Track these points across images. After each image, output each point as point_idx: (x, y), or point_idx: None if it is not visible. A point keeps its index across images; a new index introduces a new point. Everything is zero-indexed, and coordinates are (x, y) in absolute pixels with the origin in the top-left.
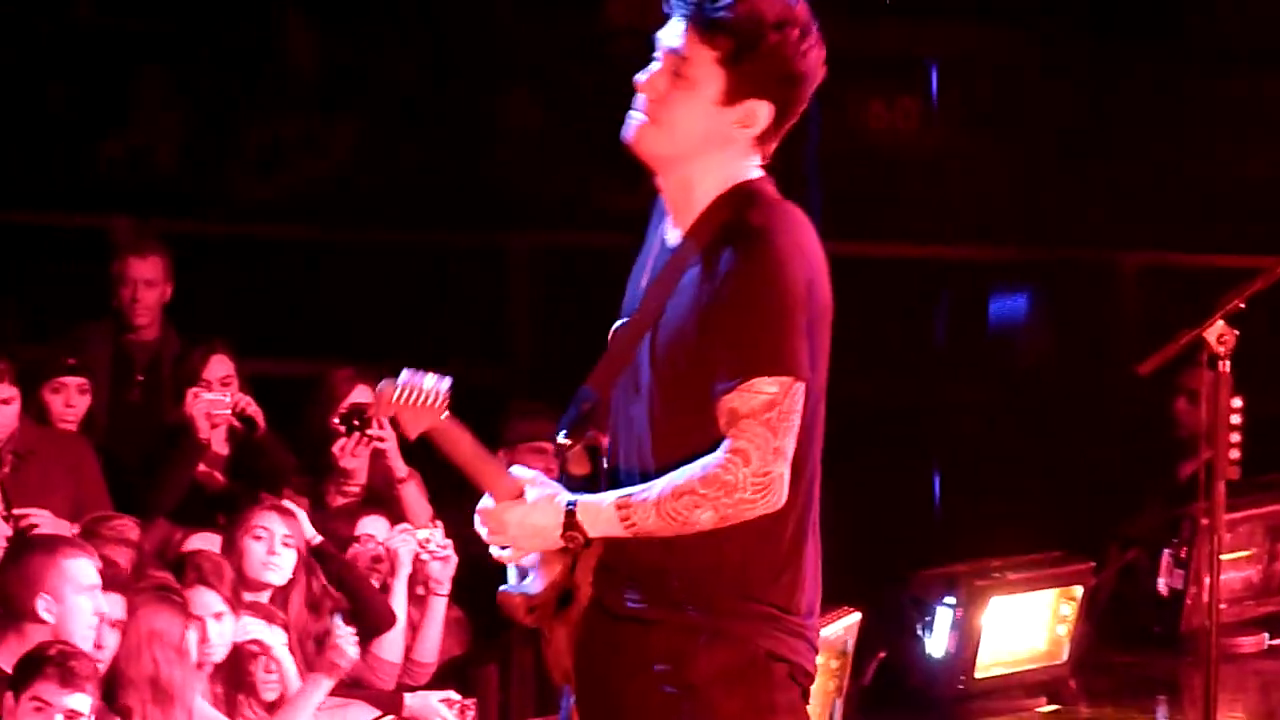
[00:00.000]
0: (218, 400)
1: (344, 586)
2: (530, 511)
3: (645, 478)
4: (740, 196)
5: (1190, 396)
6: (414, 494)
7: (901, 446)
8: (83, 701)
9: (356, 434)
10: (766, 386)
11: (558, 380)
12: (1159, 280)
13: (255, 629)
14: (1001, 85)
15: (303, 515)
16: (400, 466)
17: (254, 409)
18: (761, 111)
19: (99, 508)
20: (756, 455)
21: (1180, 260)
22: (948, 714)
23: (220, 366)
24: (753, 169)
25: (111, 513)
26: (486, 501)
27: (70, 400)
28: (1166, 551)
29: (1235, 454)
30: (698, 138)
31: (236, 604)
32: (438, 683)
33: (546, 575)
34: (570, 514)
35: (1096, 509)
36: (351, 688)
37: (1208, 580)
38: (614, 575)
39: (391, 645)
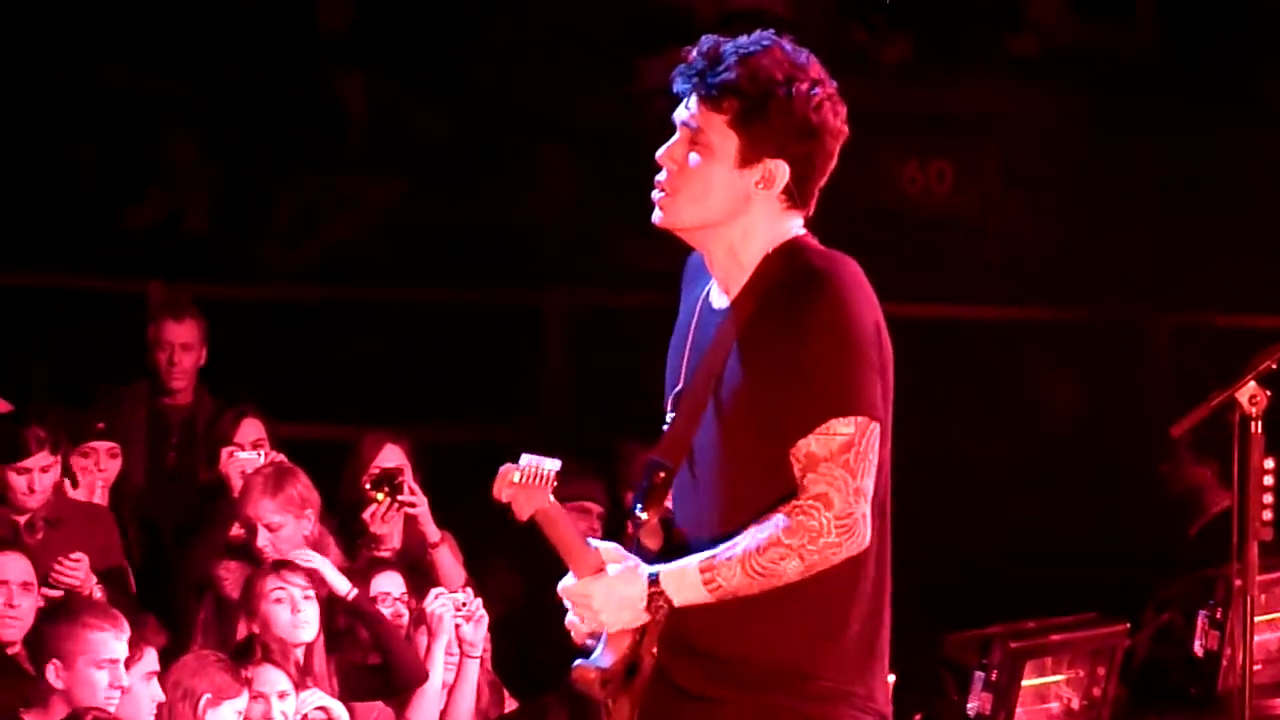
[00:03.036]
0: (252, 460)
1: (378, 642)
2: (614, 584)
3: (715, 541)
4: (790, 252)
5: (1173, 459)
6: (447, 558)
7: (934, 506)
8: None
9: (388, 500)
10: (843, 428)
11: (593, 438)
12: (1192, 341)
13: (317, 699)
14: (1036, 146)
15: (328, 567)
16: (433, 531)
17: None
18: (780, 170)
19: (120, 587)
20: (839, 498)
21: (1214, 321)
22: None
23: (252, 430)
24: (796, 228)
25: None
26: (568, 579)
27: (100, 464)
28: (1201, 613)
29: (1268, 515)
30: (722, 204)
31: (302, 680)
32: None
33: (616, 648)
34: (655, 582)
35: (1132, 570)
36: None
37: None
38: (680, 650)
39: (428, 709)
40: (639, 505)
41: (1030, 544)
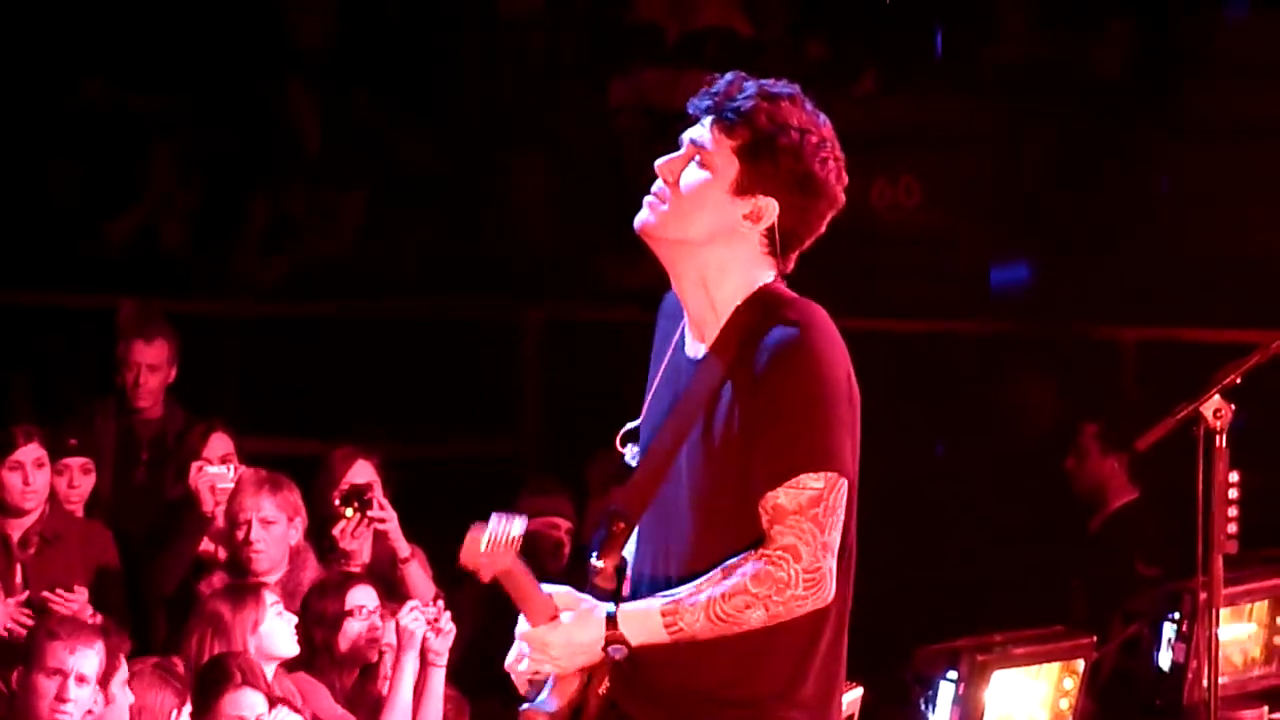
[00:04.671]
0: (221, 474)
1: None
2: (571, 630)
3: (676, 583)
4: (763, 301)
5: (1077, 453)
6: (418, 573)
7: (900, 521)
8: None
9: (357, 515)
10: (812, 482)
11: (567, 452)
12: (1159, 356)
13: (285, 717)
14: (1003, 160)
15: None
16: (403, 546)
17: None
18: (770, 209)
19: (114, 603)
20: (806, 551)
21: (1180, 335)
22: None
23: (220, 444)
24: (769, 277)
25: None
26: (523, 625)
27: (74, 481)
28: (1167, 625)
29: (1233, 528)
30: (707, 225)
31: (273, 698)
32: None
33: (563, 693)
34: (612, 623)
35: (1098, 583)
36: None
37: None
38: (637, 686)
39: None
40: (595, 554)
41: (1000, 557)
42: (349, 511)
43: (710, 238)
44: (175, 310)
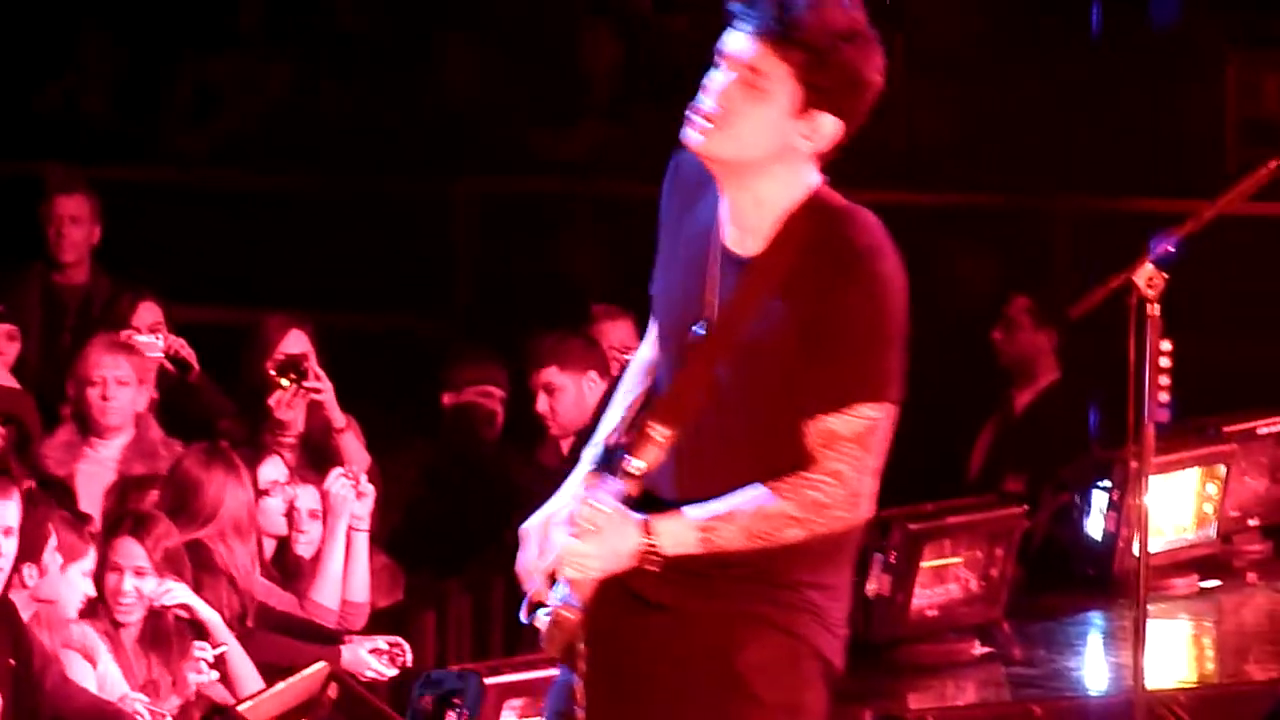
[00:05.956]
0: (150, 343)
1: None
2: (610, 541)
3: (709, 497)
4: (823, 210)
5: (1006, 325)
6: (352, 443)
7: None
8: None
9: (293, 385)
10: (869, 412)
11: (499, 326)
12: (1094, 225)
13: (183, 596)
14: (935, 31)
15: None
16: (338, 416)
17: (187, 351)
18: (828, 124)
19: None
20: (854, 477)
21: (1114, 205)
22: (882, 657)
23: (149, 313)
24: (815, 176)
25: None
26: (559, 534)
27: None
28: (1098, 494)
29: (1165, 397)
30: (765, 147)
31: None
32: (375, 632)
33: (582, 586)
34: (648, 532)
35: (1024, 460)
36: (292, 633)
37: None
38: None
39: (328, 591)
40: (628, 456)
41: (937, 427)
42: (284, 381)
43: (769, 159)
44: (100, 177)
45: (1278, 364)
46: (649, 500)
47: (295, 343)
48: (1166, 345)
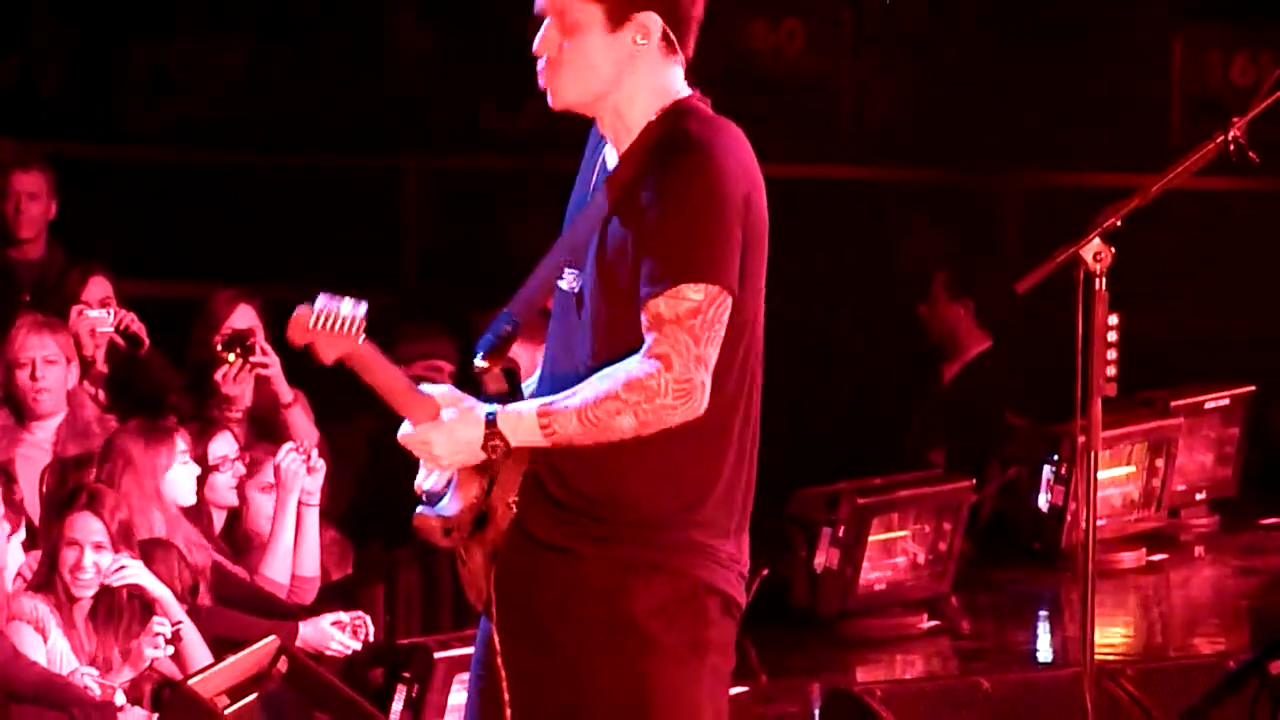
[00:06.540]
0: (101, 318)
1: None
2: (452, 428)
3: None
4: (674, 116)
5: (929, 300)
6: (300, 417)
7: (786, 365)
8: None
9: (240, 360)
10: (692, 293)
11: (448, 301)
12: (1043, 200)
13: (136, 574)
14: (889, 7)
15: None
16: (285, 391)
17: (137, 326)
18: (651, 21)
19: None
20: (679, 361)
21: (1064, 180)
22: (830, 631)
23: (99, 288)
24: (679, 80)
25: None
26: (405, 427)
27: None
28: (1046, 468)
29: (1112, 371)
30: (607, 70)
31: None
32: (324, 607)
33: (462, 497)
34: (491, 423)
35: (955, 433)
36: (251, 609)
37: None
38: (540, 499)
39: (279, 566)
40: (480, 353)
41: (885, 402)
42: (231, 356)
43: (614, 78)
44: (54, 152)
45: (1223, 337)
46: None
47: (243, 318)
48: (1114, 320)
